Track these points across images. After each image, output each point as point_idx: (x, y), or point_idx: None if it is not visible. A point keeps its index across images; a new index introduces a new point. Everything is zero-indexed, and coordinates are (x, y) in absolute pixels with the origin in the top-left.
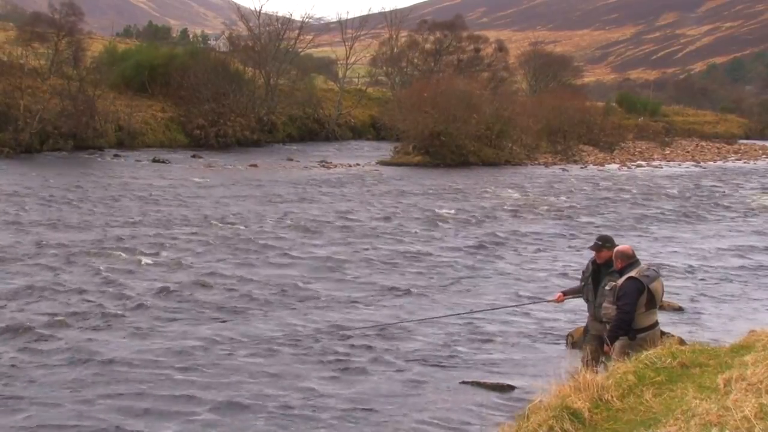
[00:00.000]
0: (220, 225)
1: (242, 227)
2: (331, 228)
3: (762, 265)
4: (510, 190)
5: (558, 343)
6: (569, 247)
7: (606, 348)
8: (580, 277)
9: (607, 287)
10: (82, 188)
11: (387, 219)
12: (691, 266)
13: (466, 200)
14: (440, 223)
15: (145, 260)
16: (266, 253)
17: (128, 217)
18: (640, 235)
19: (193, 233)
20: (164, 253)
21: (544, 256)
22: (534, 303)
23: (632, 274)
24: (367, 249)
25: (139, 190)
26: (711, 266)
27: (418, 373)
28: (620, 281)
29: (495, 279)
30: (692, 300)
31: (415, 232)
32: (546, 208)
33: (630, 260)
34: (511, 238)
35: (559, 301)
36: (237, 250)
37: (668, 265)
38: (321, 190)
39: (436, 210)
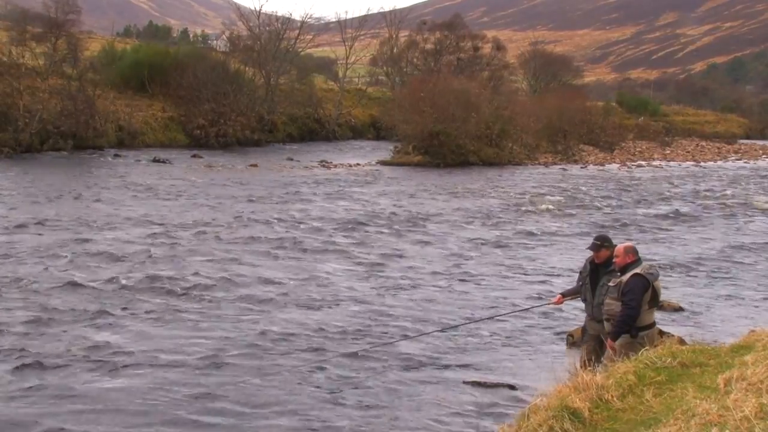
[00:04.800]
0: (220, 225)
1: (242, 227)
2: (330, 228)
3: (762, 265)
4: (510, 190)
5: (558, 343)
6: (569, 246)
7: (609, 343)
8: (577, 277)
9: (611, 283)
10: (82, 188)
11: (385, 219)
12: (691, 266)
13: (465, 200)
14: (439, 224)
15: (143, 260)
16: (264, 252)
17: (127, 217)
18: (640, 235)
19: (193, 233)
20: (162, 253)
21: (544, 256)
22: (533, 308)
23: (637, 270)
24: (365, 249)
25: (139, 189)
26: (711, 266)
27: (417, 373)
28: (625, 278)
29: (495, 279)
30: (692, 300)
31: (414, 233)
32: (546, 207)
33: (635, 257)
34: (511, 239)
35: (558, 303)
36: (236, 251)
37: (668, 265)
38: (321, 189)
39: (435, 210)
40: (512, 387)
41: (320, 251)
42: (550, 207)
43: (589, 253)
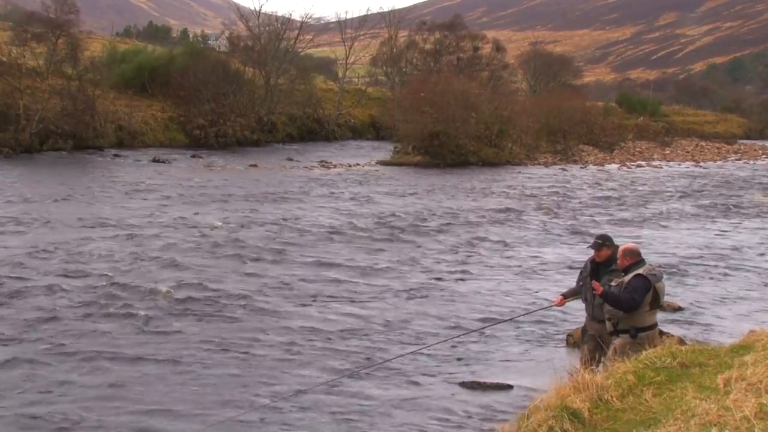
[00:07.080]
0: (219, 226)
1: (242, 228)
2: (329, 229)
3: (762, 265)
4: (510, 190)
5: (558, 344)
6: (569, 247)
7: (595, 283)
8: (577, 277)
9: (613, 283)
10: (81, 188)
11: (383, 220)
12: (690, 266)
13: (465, 200)
14: (439, 224)
15: (142, 261)
16: (264, 254)
17: (127, 217)
18: (639, 235)
19: (192, 234)
20: (161, 254)
21: (544, 256)
22: (534, 311)
23: (640, 271)
24: (366, 250)
25: (139, 190)
26: (711, 266)
27: (418, 374)
28: (627, 278)
29: (496, 280)
30: (692, 300)
31: (413, 234)
32: (546, 207)
33: (638, 258)
34: (511, 239)
35: (560, 304)
36: (235, 252)
37: (668, 265)
38: (321, 190)
39: (435, 210)
40: (512, 387)
41: (313, 252)
42: (550, 207)
43: (590, 253)
